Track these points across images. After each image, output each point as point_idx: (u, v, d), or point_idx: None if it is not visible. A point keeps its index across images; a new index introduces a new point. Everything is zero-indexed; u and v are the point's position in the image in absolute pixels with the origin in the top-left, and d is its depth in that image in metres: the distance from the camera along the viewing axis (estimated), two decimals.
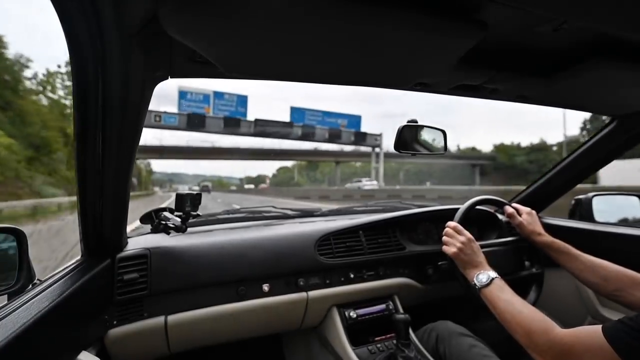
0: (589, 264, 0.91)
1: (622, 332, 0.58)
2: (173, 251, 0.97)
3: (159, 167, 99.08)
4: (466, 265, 0.92)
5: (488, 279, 0.83)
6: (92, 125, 0.60)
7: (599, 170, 1.35)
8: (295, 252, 1.09)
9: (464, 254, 0.93)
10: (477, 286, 0.84)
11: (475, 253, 0.93)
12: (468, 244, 0.94)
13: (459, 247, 0.95)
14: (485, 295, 0.82)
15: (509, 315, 0.75)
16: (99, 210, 0.74)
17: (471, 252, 0.93)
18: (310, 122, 33.02)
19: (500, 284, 0.82)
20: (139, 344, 0.92)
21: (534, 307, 0.74)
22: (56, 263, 3.16)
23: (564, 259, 0.95)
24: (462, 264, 0.93)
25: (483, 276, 0.85)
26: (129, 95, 0.60)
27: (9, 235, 0.75)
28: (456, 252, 0.94)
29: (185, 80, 0.80)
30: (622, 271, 0.86)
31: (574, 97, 0.93)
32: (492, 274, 0.85)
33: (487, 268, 0.88)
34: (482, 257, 0.92)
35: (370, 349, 1.06)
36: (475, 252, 0.93)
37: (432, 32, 0.54)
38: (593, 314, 1.27)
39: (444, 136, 1.18)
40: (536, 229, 1.04)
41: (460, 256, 0.93)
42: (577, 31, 0.60)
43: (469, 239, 0.96)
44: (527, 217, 1.07)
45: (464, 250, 0.94)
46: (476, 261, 0.91)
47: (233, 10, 0.46)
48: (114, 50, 0.50)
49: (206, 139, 49.71)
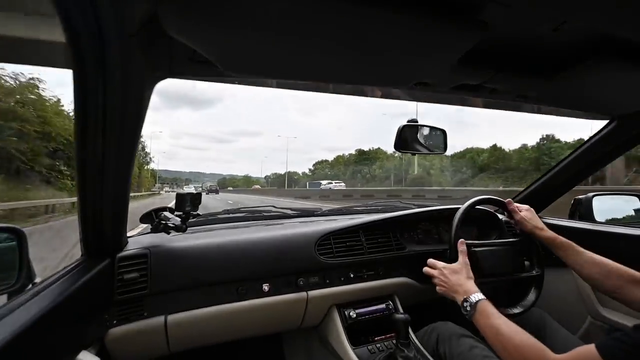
0: (590, 260, 0.91)
1: (616, 349, 0.58)
2: (173, 251, 0.97)
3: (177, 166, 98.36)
4: (450, 294, 0.91)
5: (471, 305, 0.82)
6: (92, 125, 0.60)
7: (597, 170, 1.35)
8: (295, 252, 1.09)
9: (443, 285, 0.93)
10: (466, 317, 0.83)
11: (449, 278, 0.92)
12: (439, 274, 0.95)
13: (436, 282, 0.96)
14: (475, 323, 0.81)
15: (498, 344, 0.74)
16: (99, 209, 0.75)
17: (446, 280, 0.92)
18: None
19: (484, 309, 0.80)
20: (139, 344, 0.93)
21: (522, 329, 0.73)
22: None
23: (566, 255, 0.95)
24: (448, 296, 0.92)
25: (466, 303, 0.83)
26: (129, 95, 0.60)
27: (9, 235, 0.75)
28: (439, 289, 0.95)
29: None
30: (623, 269, 0.87)
31: (573, 97, 0.93)
32: (474, 297, 0.83)
33: (467, 290, 0.86)
34: (457, 278, 0.90)
35: (370, 348, 1.06)
36: (449, 278, 0.92)
37: (432, 32, 0.54)
38: (593, 314, 1.27)
39: (443, 136, 1.18)
40: (538, 224, 1.04)
41: (442, 290, 0.93)
42: (576, 31, 0.60)
43: (440, 268, 0.96)
44: (526, 214, 1.07)
45: (440, 282, 0.94)
46: (453, 286, 0.90)
47: (233, 10, 0.46)
48: (113, 50, 0.50)
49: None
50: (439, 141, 1.19)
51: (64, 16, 0.44)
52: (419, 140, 1.12)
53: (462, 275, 0.91)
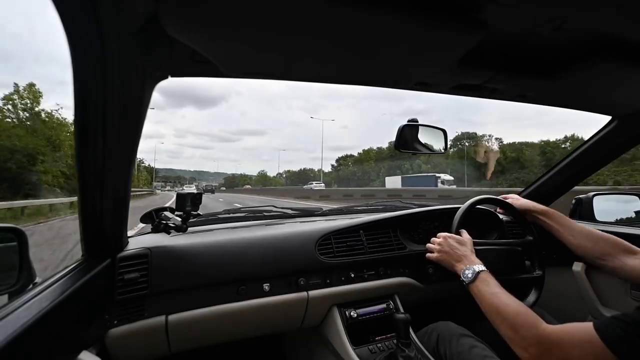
0: (581, 229, 0.95)
1: (613, 326, 0.58)
2: (174, 251, 0.97)
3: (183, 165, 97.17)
4: (449, 262, 0.92)
5: (473, 273, 0.83)
6: (92, 125, 0.60)
7: (598, 170, 1.35)
8: (296, 252, 1.09)
9: (443, 253, 0.94)
10: (464, 282, 0.84)
11: (455, 247, 0.93)
12: (444, 242, 0.96)
13: (437, 249, 0.96)
14: (472, 290, 0.82)
15: (494, 308, 0.75)
16: (99, 209, 0.75)
17: (449, 248, 0.93)
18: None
19: (485, 277, 0.82)
20: (139, 344, 0.93)
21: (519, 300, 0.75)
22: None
23: (559, 226, 0.98)
24: (446, 264, 0.93)
25: (468, 271, 0.84)
26: (129, 95, 0.60)
27: (10, 235, 0.75)
28: (436, 255, 0.96)
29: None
30: (614, 238, 0.90)
31: (574, 96, 0.93)
32: (477, 267, 0.84)
33: (472, 261, 0.87)
34: (464, 249, 0.92)
35: (370, 348, 1.06)
36: (454, 247, 0.93)
37: (433, 32, 0.54)
38: (594, 314, 1.27)
39: (444, 135, 1.18)
40: (528, 204, 1.07)
41: (441, 257, 0.94)
42: (577, 31, 0.60)
43: (445, 237, 0.97)
44: (514, 201, 1.12)
45: (442, 249, 0.95)
46: (458, 255, 0.91)
47: (233, 10, 0.46)
48: (114, 50, 0.50)
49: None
50: (439, 141, 1.19)
51: (64, 16, 0.44)
52: (420, 140, 1.11)
53: (467, 247, 0.92)
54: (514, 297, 0.76)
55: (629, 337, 0.56)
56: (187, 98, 62.80)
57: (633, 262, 0.85)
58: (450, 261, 0.92)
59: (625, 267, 0.85)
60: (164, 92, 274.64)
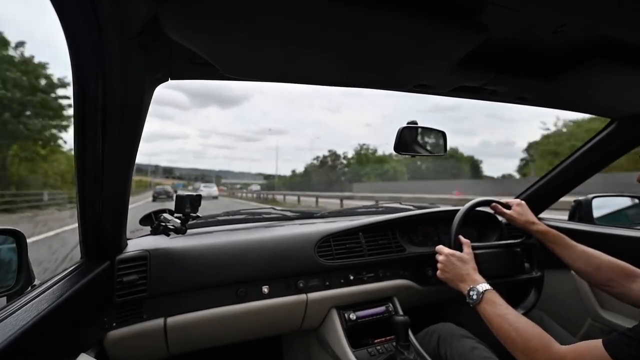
0: (582, 254, 0.92)
1: (622, 344, 0.58)
2: (173, 253, 0.97)
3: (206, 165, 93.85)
4: (454, 283, 0.91)
5: (478, 295, 0.82)
6: (92, 127, 0.60)
7: (598, 172, 1.35)
8: (295, 254, 1.08)
9: (446, 272, 0.93)
10: (470, 304, 0.84)
11: (458, 266, 0.91)
12: (446, 260, 0.94)
13: (440, 267, 0.95)
14: (479, 311, 0.81)
15: (504, 333, 0.74)
16: (98, 211, 0.74)
17: (452, 267, 0.92)
18: None
19: (491, 298, 0.80)
20: (138, 346, 0.92)
21: (529, 320, 0.73)
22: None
23: (559, 248, 0.96)
24: (452, 285, 0.92)
25: (473, 292, 0.83)
26: (129, 97, 0.60)
27: (8, 237, 0.75)
28: (440, 274, 0.95)
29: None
30: (615, 262, 0.87)
31: (573, 98, 0.93)
32: (481, 287, 0.83)
33: (475, 280, 0.86)
34: (466, 268, 0.90)
35: (370, 351, 1.05)
36: (457, 266, 0.92)
37: (432, 34, 0.54)
38: (593, 316, 1.27)
39: (443, 137, 1.17)
40: (529, 218, 1.03)
41: (445, 276, 0.94)
42: (576, 33, 0.60)
43: (447, 254, 0.95)
44: (517, 209, 1.07)
45: (445, 268, 0.94)
46: (461, 275, 0.89)
47: (233, 13, 0.46)
48: (114, 52, 0.50)
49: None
50: (438, 143, 1.19)
51: (64, 18, 0.44)
52: (419, 142, 1.11)
53: (469, 265, 0.91)
54: (523, 317, 0.74)
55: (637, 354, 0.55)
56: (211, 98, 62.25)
57: (636, 286, 0.83)
58: (454, 281, 0.91)
59: (631, 293, 0.83)
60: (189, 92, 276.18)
